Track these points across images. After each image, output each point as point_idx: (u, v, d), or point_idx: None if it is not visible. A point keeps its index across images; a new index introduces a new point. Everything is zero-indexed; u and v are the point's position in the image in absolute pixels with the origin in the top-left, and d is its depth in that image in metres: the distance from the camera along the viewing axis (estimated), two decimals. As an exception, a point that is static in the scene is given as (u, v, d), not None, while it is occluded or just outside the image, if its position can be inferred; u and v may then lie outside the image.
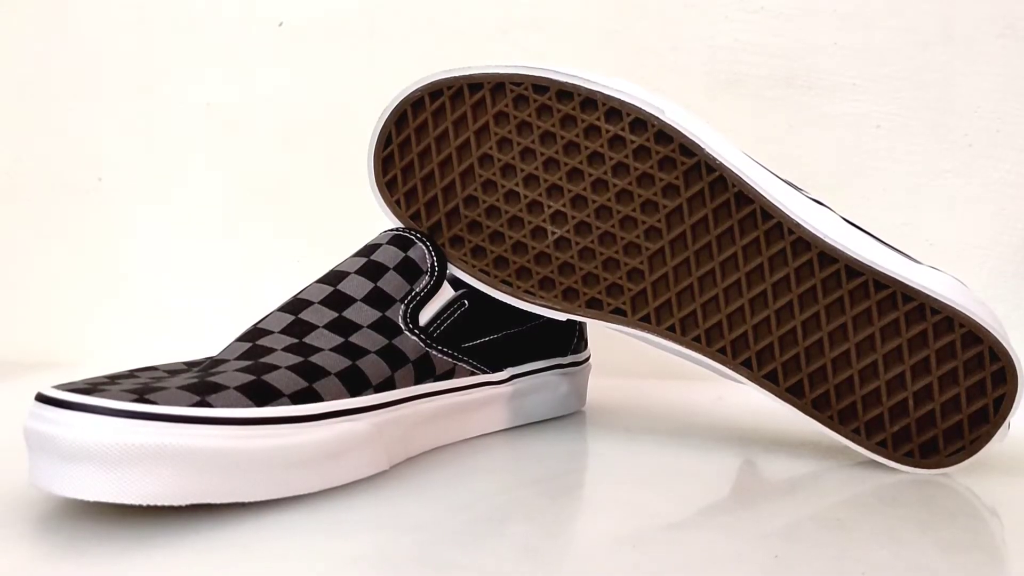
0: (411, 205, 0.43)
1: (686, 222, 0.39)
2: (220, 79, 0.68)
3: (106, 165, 0.68)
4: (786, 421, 0.46)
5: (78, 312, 0.68)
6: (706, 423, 0.49)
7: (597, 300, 0.41)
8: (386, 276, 0.40)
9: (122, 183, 0.68)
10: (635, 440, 0.44)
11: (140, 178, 0.68)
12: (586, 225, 0.40)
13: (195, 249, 0.68)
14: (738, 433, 0.46)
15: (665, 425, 0.48)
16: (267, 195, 0.68)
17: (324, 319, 0.37)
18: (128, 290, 0.68)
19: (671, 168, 0.39)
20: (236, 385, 0.32)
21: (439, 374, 0.40)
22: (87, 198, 0.68)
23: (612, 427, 0.47)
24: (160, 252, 0.68)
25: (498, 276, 0.42)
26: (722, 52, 0.62)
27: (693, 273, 0.40)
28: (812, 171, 0.59)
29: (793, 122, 0.61)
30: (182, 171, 0.68)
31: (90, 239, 0.68)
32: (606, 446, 0.44)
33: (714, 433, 0.46)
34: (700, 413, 0.52)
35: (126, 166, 0.68)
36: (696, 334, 0.40)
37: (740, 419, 0.50)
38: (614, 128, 0.39)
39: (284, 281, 0.51)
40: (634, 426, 0.48)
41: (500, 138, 0.41)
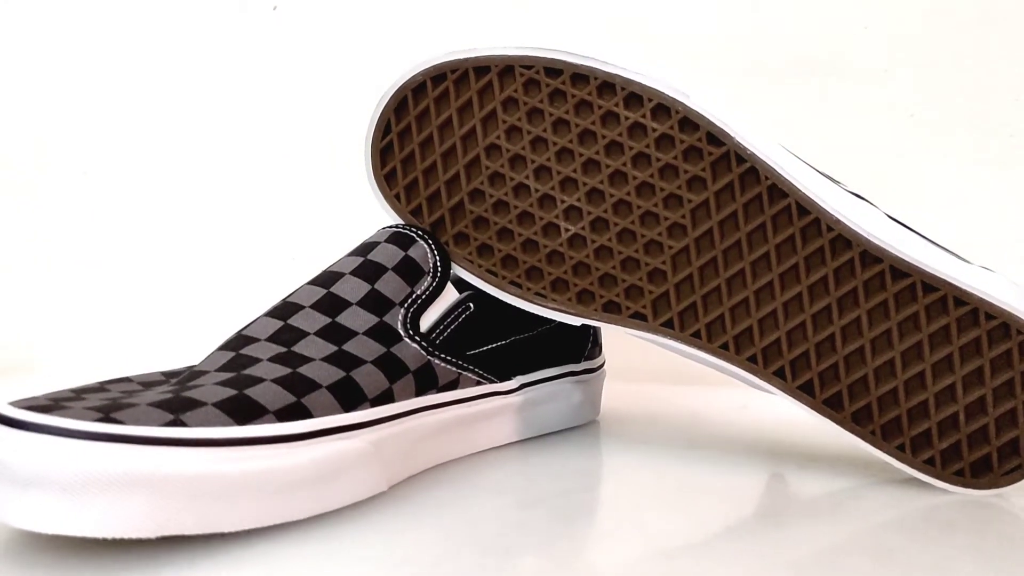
0: (412, 199, 0.39)
1: (713, 218, 0.36)
2: (205, 64, 0.64)
3: (91, 158, 0.65)
4: (819, 433, 0.42)
5: (62, 311, 0.65)
6: (731, 434, 0.46)
7: (615, 303, 0.37)
8: (384, 277, 0.36)
9: (107, 175, 0.65)
10: (653, 453, 0.41)
11: (125, 170, 0.65)
12: (603, 221, 0.37)
13: (181, 245, 0.65)
14: (766, 446, 0.43)
15: (686, 436, 0.45)
16: (259, 187, 0.65)
17: (315, 325, 0.34)
18: (114, 291, 0.65)
19: (697, 159, 0.36)
20: (215, 401, 0.28)
21: (442, 385, 0.36)
22: (72, 190, 0.65)
23: (629, 439, 0.44)
24: (141, 248, 0.65)
25: (507, 277, 0.38)
26: (744, 37, 0.58)
27: (721, 274, 0.36)
28: (839, 163, 0.56)
29: (819, 111, 0.57)
30: (167, 161, 0.65)
31: (74, 230, 0.65)
32: (622, 461, 0.41)
33: (740, 445, 0.43)
34: (724, 423, 0.48)
35: (111, 158, 0.65)
36: (724, 341, 0.36)
37: (768, 430, 0.46)
38: (634, 115, 0.36)
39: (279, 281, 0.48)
40: (652, 437, 0.44)
41: (509, 126, 0.37)
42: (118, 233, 0.65)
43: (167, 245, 0.65)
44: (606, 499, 0.37)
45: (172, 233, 0.65)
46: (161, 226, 0.65)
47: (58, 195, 0.65)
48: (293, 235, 0.65)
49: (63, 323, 0.65)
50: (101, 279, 0.65)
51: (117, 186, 0.66)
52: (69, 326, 0.65)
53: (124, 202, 0.65)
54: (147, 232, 0.66)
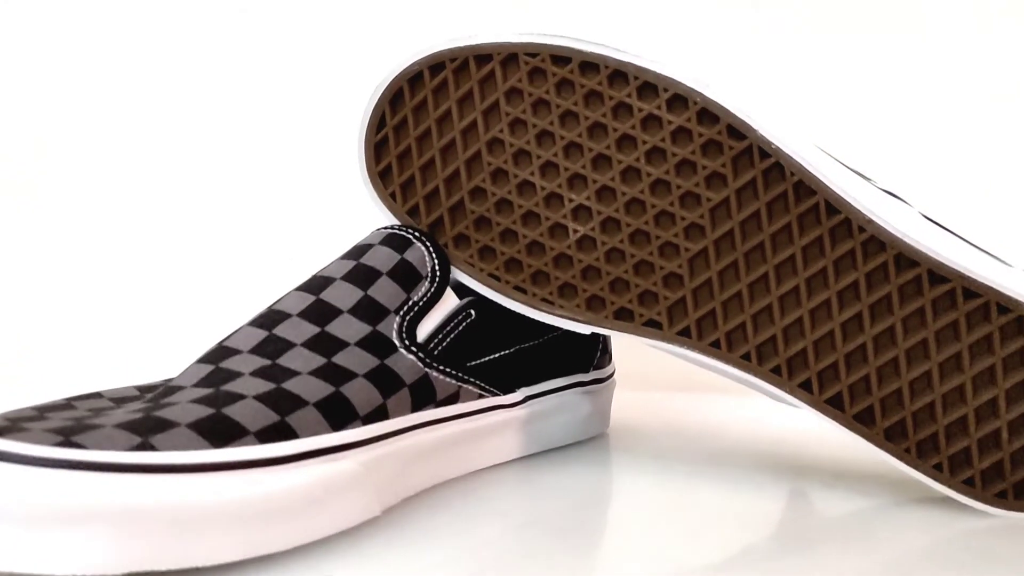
0: (408, 198, 0.36)
1: (734, 218, 0.33)
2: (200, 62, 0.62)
3: (92, 158, 0.63)
4: (846, 447, 0.40)
5: (62, 311, 0.63)
6: (750, 448, 0.43)
7: (627, 310, 0.35)
8: (378, 283, 0.34)
9: (106, 175, 0.63)
10: (666, 469, 0.38)
11: (123, 170, 0.63)
12: (614, 222, 0.34)
13: (168, 246, 0.62)
14: (788, 460, 0.40)
15: (700, 450, 0.42)
16: (250, 185, 0.62)
17: (303, 335, 0.31)
18: (113, 291, 0.62)
19: (717, 153, 0.33)
20: (189, 421, 0.26)
21: (441, 399, 0.34)
22: (72, 190, 0.62)
23: (640, 453, 0.41)
24: (141, 248, 0.63)
25: (510, 282, 0.36)
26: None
27: (742, 279, 0.33)
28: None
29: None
30: (159, 161, 0.63)
31: (74, 230, 0.63)
32: (634, 478, 0.38)
33: (759, 460, 0.40)
34: (742, 435, 0.45)
35: (110, 158, 0.63)
36: (745, 351, 0.34)
37: (790, 443, 0.43)
38: (648, 106, 0.33)
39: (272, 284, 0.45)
40: (665, 452, 0.41)
41: (513, 119, 0.35)
42: (117, 233, 0.64)
43: (165, 245, 0.63)
44: (616, 520, 0.34)
45: (169, 233, 0.63)
46: (158, 226, 0.64)
47: (58, 195, 0.63)
48: (282, 237, 0.62)
49: (63, 323, 0.63)
50: (101, 279, 0.63)
51: (116, 186, 0.64)
52: (69, 326, 0.63)
53: (123, 202, 0.64)
54: (146, 232, 0.64)
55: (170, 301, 0.63)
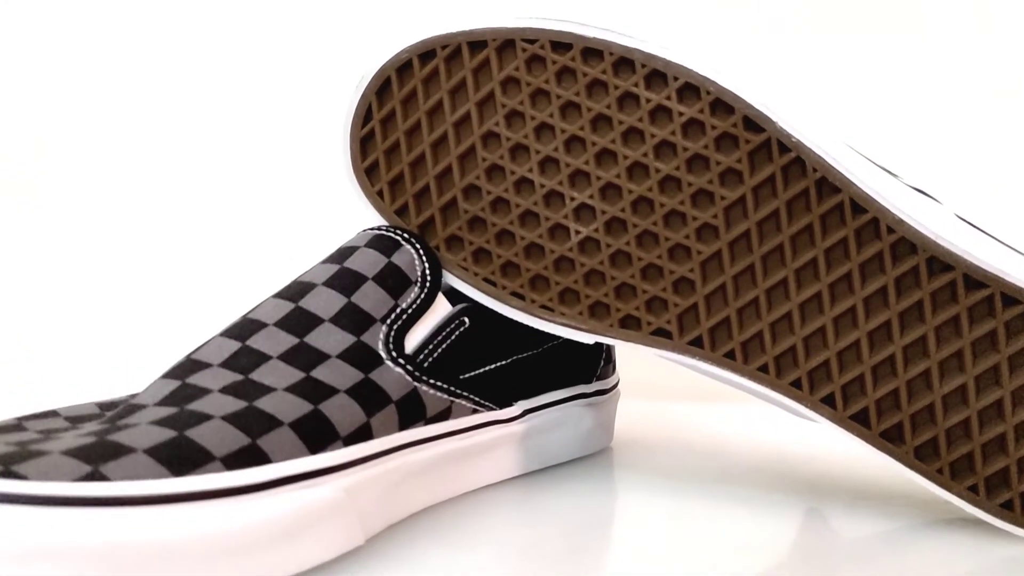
0: (397, 197, 0.34)
1: (751, 218, 0.30)
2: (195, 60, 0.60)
3: (92, 158, 0.61)
4: (866, 464, 0.37)
5: (61, 312, 0.61)
6: (764, 463, 0.40)
7: (634, 318, 0.32)
8: (363, 289, 0.31)
9: (105, 175, 0.61)
10: (674, 488, 0.36)
11: (104, 168, 0.61)
12: (620, 222, 0.32)
13: (164, 245, 0.60)
14: (805, 477, 0.37)
15: (710, 465, 0.39)
16: (234, 185, 0.60)
17: (279, 347, 0.28)
18: (112, 291, 0.61)
19: (732, 147, 0.30)
20: (147, 446, 0.23)
21: (431, 416, 0.31)
22: (72, 190, 0.61)
23: (646, 469, 0.39)
24: (140, 249, 0.61)
25: (507, 287, 0.33)
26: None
27: (759, 284, 0.31)
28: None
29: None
30: (148, 160, 0.61)
31: (74, 230, 0.62)
32: (639, 497, 0.35)
33: (775, 477, 0.37)
34: (756, 450, 0.43)
35: (108, 159, 0.61)
36: (762, 363, 0.31)
37: (806, 458, 0.41)
38: (657, 96, 0.30)
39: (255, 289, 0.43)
40: (673, 468, 0.39)
41: (510, 111, 0.32)
42: (117, 233, 0.62)
43: (164, 245, 0.62)
44: (620, 544, 0.31)
45: (164, 232, 0.62)
46: (157, 226, 0.62)
47: (58, 195, 0.62)
48: (262, 239, 0.60)
49: (63, 323, 0.62)
50: (101, 279, 0.62)
51: (115, 186, 0.62)
52: (69, 326, 0.62)
53: (122, 202, 0.62)
54: (146, 232, 0.62)
55: (169, 301, 0.61)
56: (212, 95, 0.62)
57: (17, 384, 0.55)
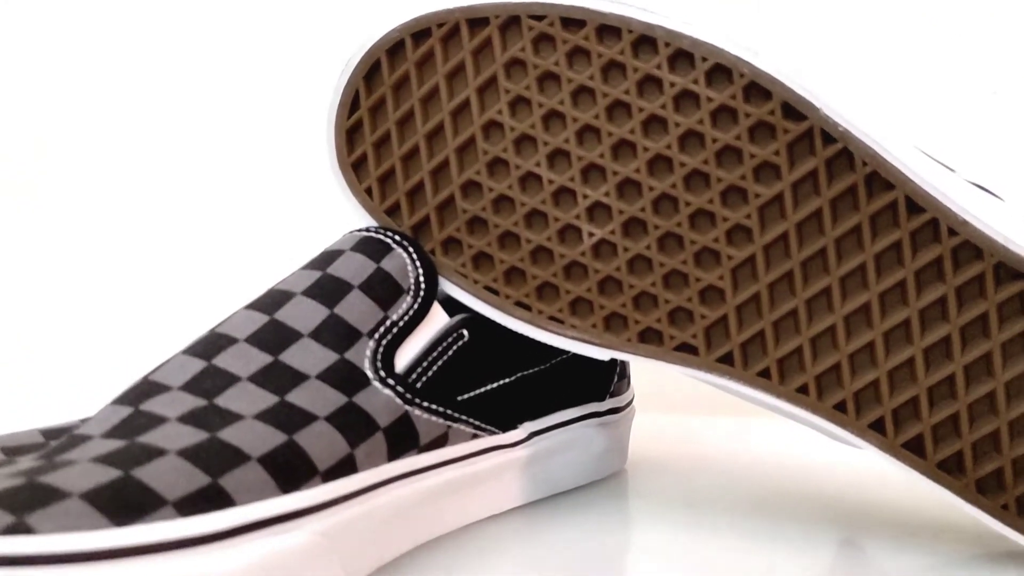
0: (387, 195, 0.30)
1: (789, 218, 0.27)
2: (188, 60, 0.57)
3: (92, 158, 0.60)
4: (910, 489, 0.33)
5: (60, 312, 0.60)
6: (793, 487, 0.36)
7: (655, 331, 0.28)
8: (348, 298, 0.27)
9: (105, 175, 0.60)
10: (694, 517, 0.32)
11: (102, 168, 0.60)
12: (639, 223, 0.28)
13: (164, 244, 0.59)
14: (840, 502, 0.34)
15: (734, 490, 0.36)
16: (216, 183, 0.57)
17: (250, 366, 0.25)
18: (110, 291, 0.60)
19: (769, 137, 0.27)
20: (85, 489, 0.19)
21: (425, 444, 0.27)
22: (72, 190, 0.60)
23: (663, 495, 0.35)
24: (141, 248, 0.60)
25: (511, 296, 0.29)
26: None
27: (799, 294, 0.27)
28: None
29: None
30: (147, 159, 0.59)
31: (73, 230, 0.61)
32: (656, 528, 0.31)
33: (805, 502, 0.34)
34: (783, 470, 0.39)
35: (108, 158, 0.59)
36: (801, 383, 0.27)
37: (841, 480, 0.37)
38: (683, 80, 0.27)
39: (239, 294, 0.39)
40: (692, 493, 0.35)
41: (514, 97, 0.28)
42: (116, 233, 0.61)
43: (164, 244, 0.60)
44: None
45: (164, 231, 0.60)
46: (156, 225, 0.61)
47: (58, 195, 0.61)
48: (250, 239, 0.57)
49: (63, 323, 0.61)
50: (100, 279, 0.61)
51: (113, 186, 0.61)
52: (69, 326, 0.61)
53: (120, 202, 0.61)
54: (145, 231, 0.61)
55: (169, 301, 0.60)
56: (196, 83, 0.59)
57: (17, 384, 0.55)
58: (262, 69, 0.58)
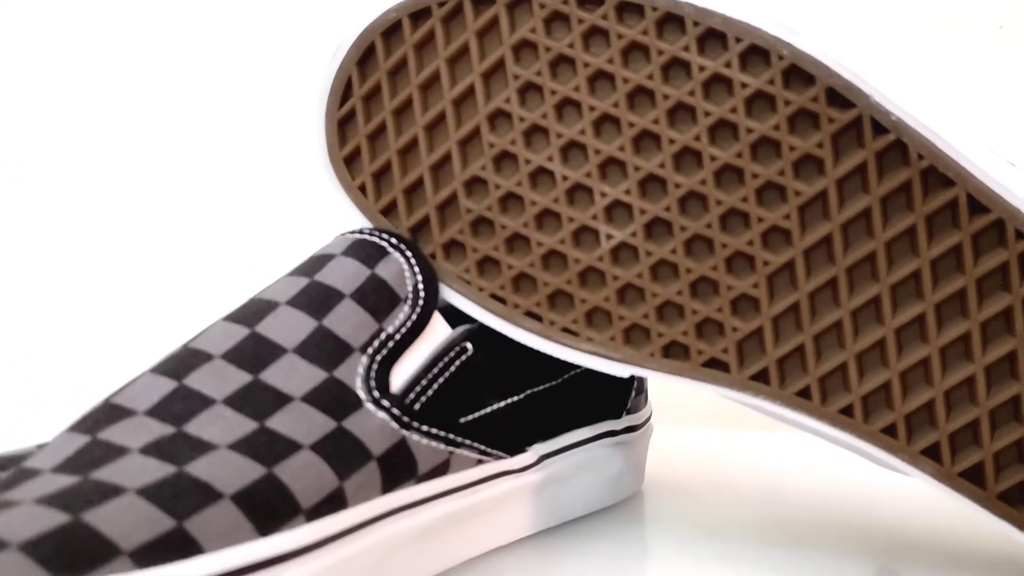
0: (383, 193, 0.27)
1: (834, 218, 0.24)
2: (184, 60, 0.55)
3: (91, 157, 0.58)
4: (952, 512, 0.30)
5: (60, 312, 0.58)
6: (822, 507, 0.33)
7: (680, 345, 0.25)
8: (338, 309, 0.24)
9: (88, 174, 0.58)
10: (718, 543, 0.29)
11: (99, 167, 0.58)
12: (664, 224, 0.25)
13: (164, 243, 0.57)
14: (875, 526, 0.31)
15: (760, 512, 0.33)
16: (206, 181, 0.55)
17: (226, 387, 0.22)
18: (109, 290, 0.58)
19: (811, 128, 0.24)
20: (25, 539, 0.16)
21: (424, 472, 0.24)
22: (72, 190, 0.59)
23: (683, 521, 0.32)
24: (126, 248, 0.57)
25: (520, 306, 0.26)
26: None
27: (843, 304, 0.24)
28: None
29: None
30: (146, 158, 0.57)
31: (72, 229, 0.59)
32: (676, 556, 0.29)
33: (836, 524, 0.31)
34: (813, 490, 0.36)
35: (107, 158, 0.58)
36: (846, 403, 0.24)
37: (877, 501, 0.34)
38: (714, 63, 0.24)
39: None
40: (715, 517, 0.32)
41: (524, 83, 0.25)
42: (115, 232, 0.59)
43: (164, 243, 0.58)
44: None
45: (165, 230, 0.58)
46: (154, 224, 0.58)
47: (60, 194, 0.60)
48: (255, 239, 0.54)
49: (64, 323, 0.59)
50: (100, 279, 0.59)
51: (111, 185, 0.59)
52: (70, 326, 0.59)
53: (119, 201, 0.59)
54: (144, 230, 0.59)
55: (169, 300, 0.58)
56: (176, 70, 0.57)
57: (17, 384, 0.55)
58: (247, 55, 0.55)
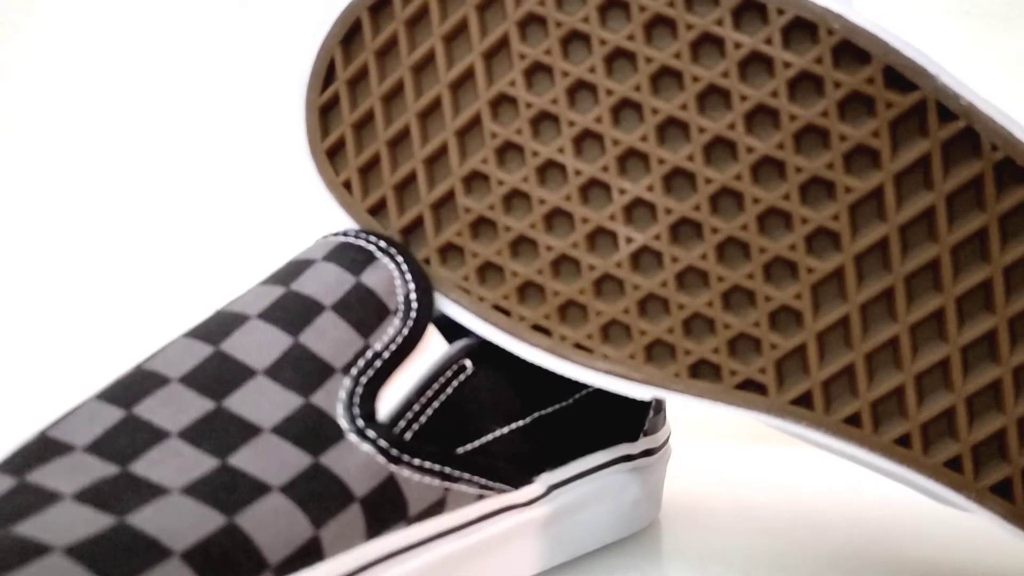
0: (371, 190, 0.24)
1: (891, 219, 0.21)
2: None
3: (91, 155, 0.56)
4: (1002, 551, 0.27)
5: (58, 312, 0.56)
6: (859, 536, 0.30)
7: (710, 365, 0.22)
8: (318, 323, 0.21)
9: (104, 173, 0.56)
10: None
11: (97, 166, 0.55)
12: (692, 225, 0.22)
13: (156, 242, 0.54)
14: (919, 562, 0.28)
15: (790, 544, 0.30)
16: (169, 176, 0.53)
17: (184, 417, 0.19)
18: (108, 290, 0.55)
19: (865, 114, 0.20)
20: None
21: (416, 513, 0.21)
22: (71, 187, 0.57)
23: (705, 555, 0.29)
24: (124, 247, 0.55)
25: (527, 318, 0.23)
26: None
27: (901, 317, 0.21)
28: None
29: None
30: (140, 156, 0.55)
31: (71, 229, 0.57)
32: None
33: (875, 561, 0.28)
34: (845, 515, 0.33)
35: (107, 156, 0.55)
36: (902, 432, 0.21)
37: (920, 531, 0.31)
38: (752, 39, 0.21)
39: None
40: (740, 550, 0.29)
41: (530, 63, 0.22)
42: (114, 232, 0.57)
43: (160, 242, 0.56)
44: None
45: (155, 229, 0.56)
46: (152, 223, 0.56)
47: (57, 194, 0.58)
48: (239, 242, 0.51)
49: (62, 323, 0.57)
50: (99, 279, 0.57)
51: (109, 184, 0.56)
52: (67, 326, 0.57)
53: (117, 200, 0.57)
54: (143, 229, 0.57)
55: (169, 300, 0.55)
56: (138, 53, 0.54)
57: (17, 384, 0.54)
58: (218, 34, 0.52)
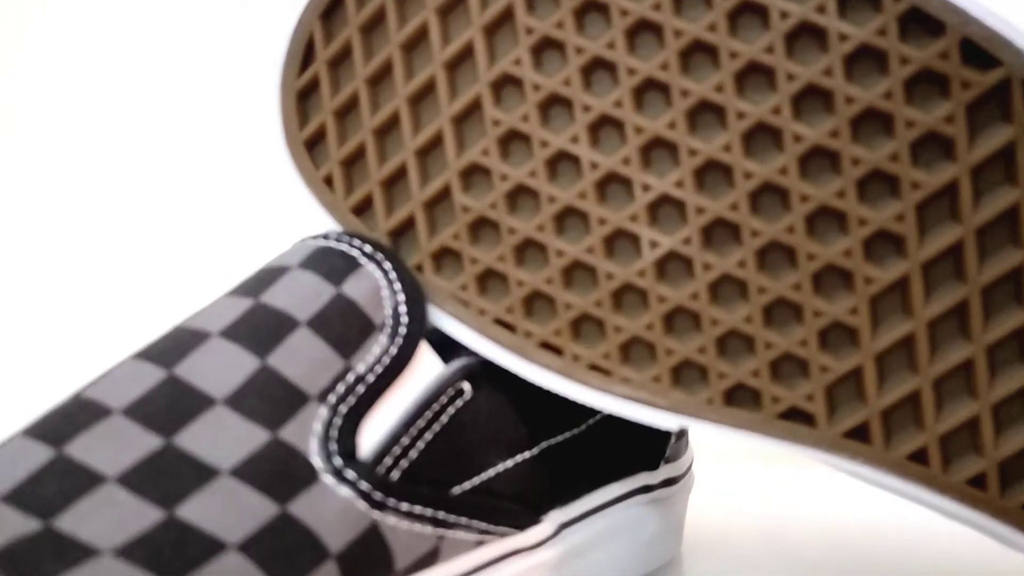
0: (356, 186, 0.21)
1: (967, 221, 0.17)
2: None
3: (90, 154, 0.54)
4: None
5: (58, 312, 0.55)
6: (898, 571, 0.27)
7: (749, 390, 0.19)
8: (291, 341, 0.18)
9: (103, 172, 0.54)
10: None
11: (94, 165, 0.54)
12: (728, 227, 0.19)
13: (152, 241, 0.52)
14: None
15: None
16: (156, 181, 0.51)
17: (125, 457, 0.16)
18: (106, 289, 0.54)
19: (936, 95, 0.17)
20: None
21: (405, 566, 0.18)
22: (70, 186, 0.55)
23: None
24: (123, 247, 0.53)
25: (534, 334, 0.20)
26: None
27: (977, 336, 0.18)
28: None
29: None
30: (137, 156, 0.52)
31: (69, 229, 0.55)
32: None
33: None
34: (883, 548, 0.29)
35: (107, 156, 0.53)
36: (977, 471, 0.18)
37: (966, 564, 0.27)
38: (801, 6, 0.17)
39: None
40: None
41: (538, 39, 0.19)
42: (113, 231, 0.55)
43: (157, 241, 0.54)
44: None
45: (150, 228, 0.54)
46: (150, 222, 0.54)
47: (57, 192, 0.56)
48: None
49: (62, 323, 0.56)
50: (98, 278, 0.56)
51: (106, 183, 0.55)
52: (68, 326, 0.56)
53: (116, 199, 0.55)
54: (142, 229, 0.55)
55: (168, 300, 0.52)
56: None
57: (17, 384, 0.52)
58: (218, 34, 0.49)
